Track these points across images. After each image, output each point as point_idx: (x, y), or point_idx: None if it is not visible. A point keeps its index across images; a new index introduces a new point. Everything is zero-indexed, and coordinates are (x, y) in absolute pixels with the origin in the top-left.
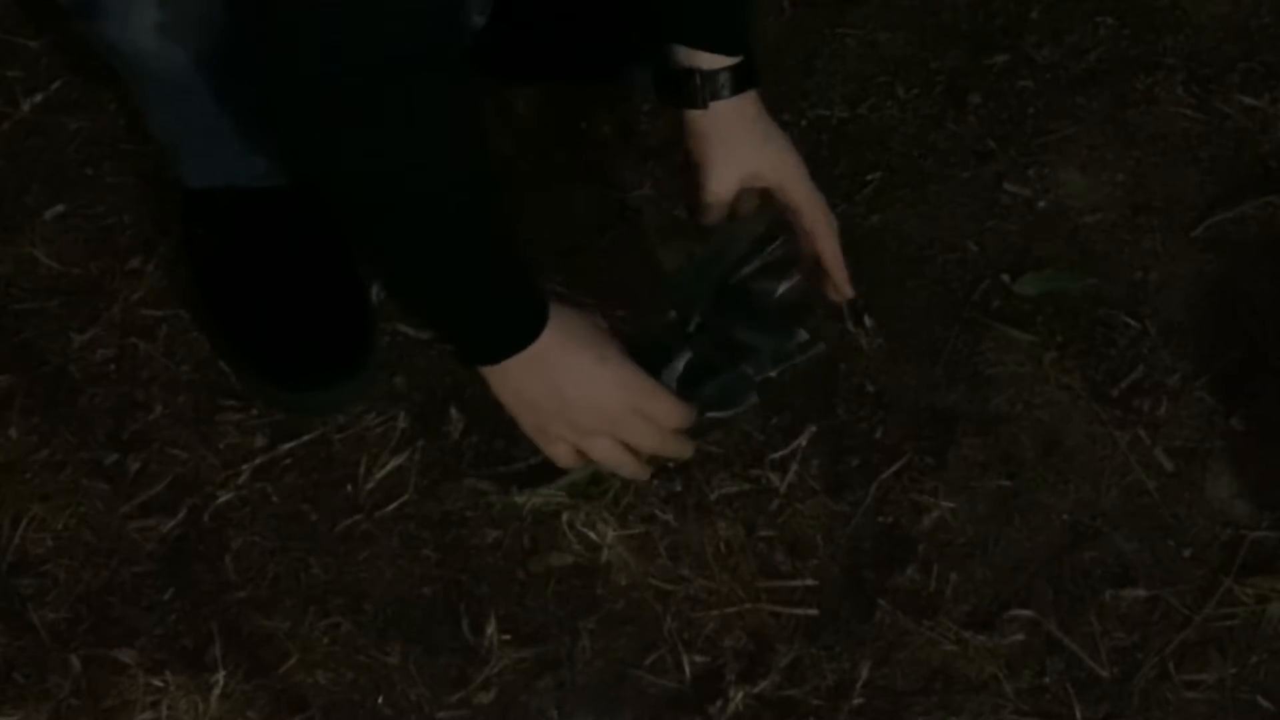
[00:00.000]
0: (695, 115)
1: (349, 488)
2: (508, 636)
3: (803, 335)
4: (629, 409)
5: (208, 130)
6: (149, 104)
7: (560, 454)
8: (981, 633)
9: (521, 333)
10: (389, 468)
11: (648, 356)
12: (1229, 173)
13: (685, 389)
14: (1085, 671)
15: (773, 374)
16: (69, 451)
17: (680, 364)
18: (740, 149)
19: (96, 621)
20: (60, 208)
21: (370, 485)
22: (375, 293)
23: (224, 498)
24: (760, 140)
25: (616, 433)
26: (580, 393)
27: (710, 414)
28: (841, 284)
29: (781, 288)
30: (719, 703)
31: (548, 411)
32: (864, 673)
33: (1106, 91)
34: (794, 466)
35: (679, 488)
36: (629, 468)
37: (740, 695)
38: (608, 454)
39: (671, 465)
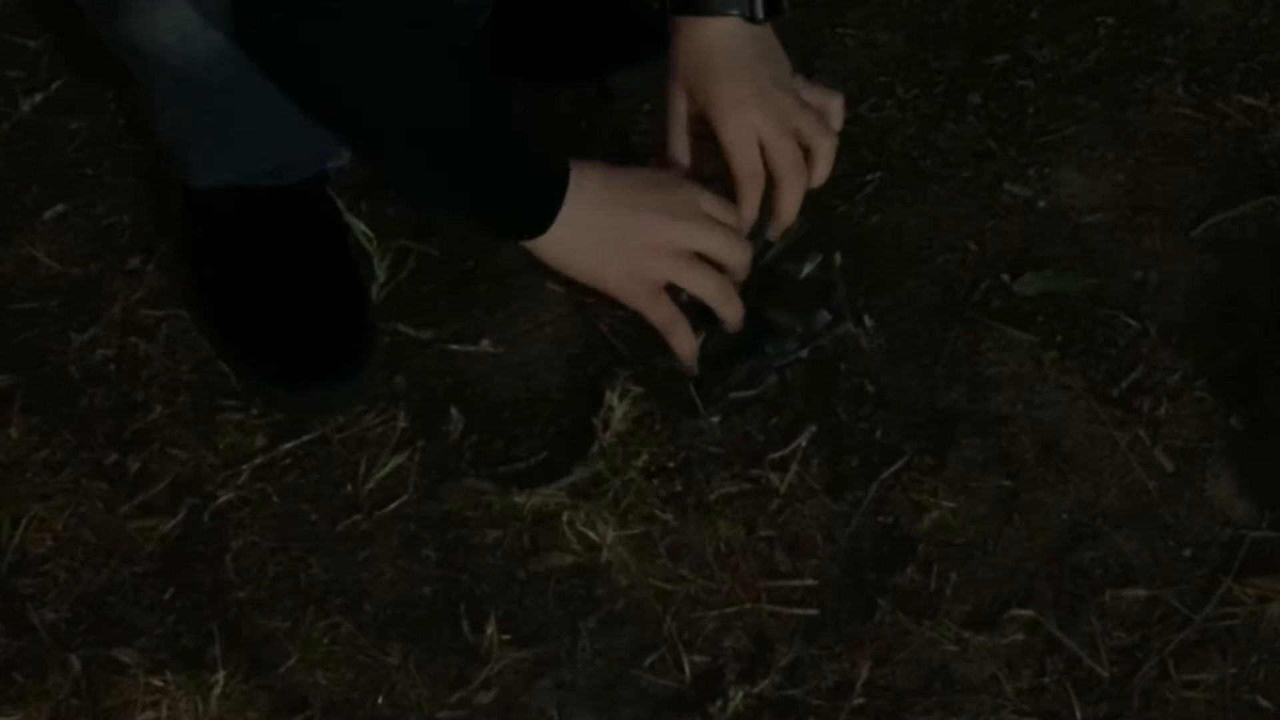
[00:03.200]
0: (674, 25)
1: (349, 488)
2: (508, 636)
3: (826, 316)
4: (693, 202)
5: (219, 129)
6: (161, 103)
7: (656, 307)
8: (981, 633)
9: (559, 178)
10: (389, 468)
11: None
12: (1229, 173)
13: (712, 370)
14: (1085, 671)
15: (803, 354)
16: (69, 451)
17: (709, 345)
18: (689, 66)
19: (96, 621)
20: (60, 208)
21: (370, 485)
22: (375, 293)
23: (224, 498)
24: (718, 67)
25: (691, 239)
26: (637, 195)
27: (734, 394)
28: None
29: (806, 268)
30: (719, 703)
31: (622, 242)
32: (864, 673)
33: (1106, 91)
34: (794, 466)
35: (679, 488)
36: (724, 286)
37: (740, 695)
38: (699, 277)
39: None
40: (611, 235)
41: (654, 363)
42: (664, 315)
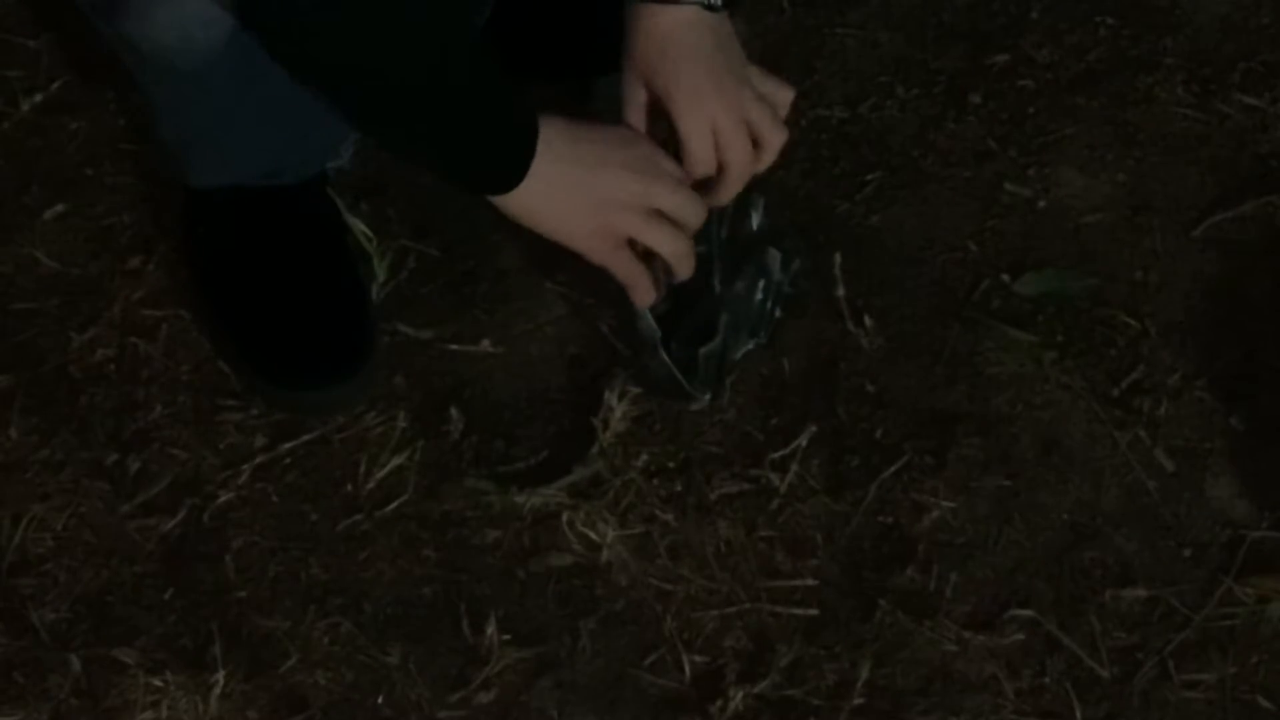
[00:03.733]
0: (633, 12)
1: (349, 488)
2: (508, 636)
3: (776, 255)
4: (654, 161)
5: (218, 129)
6: (162, 104)
7: (619, 261)
8: (981, 633)
9: (528, 133)
10: (389, 468)
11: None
12: (1229, 173)
13: (677, 332)
14: (1085, 671)
15: (777, 312)
16: (69, 451)
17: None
18: (648, 54)
19: (96, 621)
20: (60, 208)
21: (370, 485)
22: (375, 293)
23: (224, 498)
24: (677, 57)
25: (652, 196)
26: (602, 151)
27: (703, 350)
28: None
29: (755, 220)
30: (719, 703)
31: (588, 197)
32: (864, 673)
33: (1106, 91)
34: (794, 466)
35: (679, 488)
36: (682, 244)
37: (740, 695)
38: (660, 234)
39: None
40: (578, 190)
41: (630, 336)
42: (627, 269)
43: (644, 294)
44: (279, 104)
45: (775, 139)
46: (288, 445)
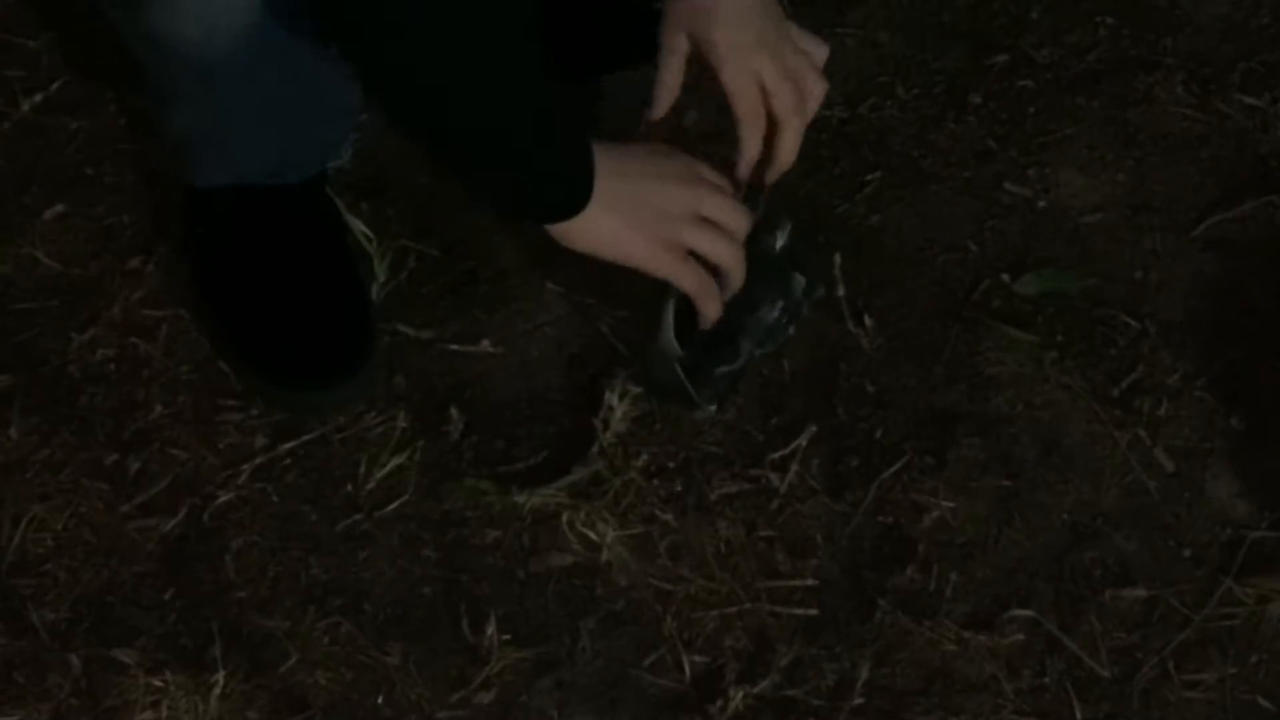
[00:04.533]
0: None
1: (349, 488)
2: (508, 636)
3: (800, 280)
4: (696, 170)
5: (226, 125)
6: (173, 99)
7: (687, 272)
8: (981, 633)
9: (587, 156)
10: (389, 468)
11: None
12: (1229, 173)
13: (697, 350)
14: (1085, 671)
15: (791, 330)
16: (69, 451)
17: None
18: (690, 13)
19: (96, 621)
20: (60, 208)
21: (370, 485)
22: (375, 293)
23: (224, 498)
24: (721, 13)
25: (702, 204)
26: (649, 164)
27: (719, 369)
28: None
29: (779, 240)
30: (719, 703)
31: (646, 215)
32: (864, 673)
33: (1106, 91)
34: (794, 466)
35: (679, 488)
36: (736, 249)
37: (740, 695)
38: (716, 241)
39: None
40: (635, 206)
41: (646, 347)
42: (695, 280)
43: (712, 305)
44: (285, 102)
45: (818, 89)
46: (288, 445)
